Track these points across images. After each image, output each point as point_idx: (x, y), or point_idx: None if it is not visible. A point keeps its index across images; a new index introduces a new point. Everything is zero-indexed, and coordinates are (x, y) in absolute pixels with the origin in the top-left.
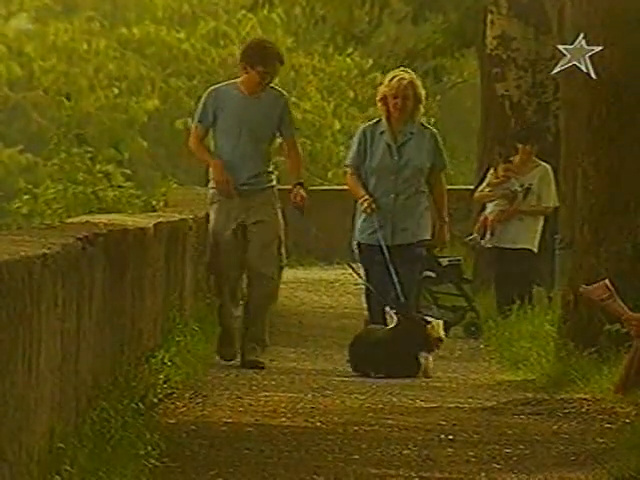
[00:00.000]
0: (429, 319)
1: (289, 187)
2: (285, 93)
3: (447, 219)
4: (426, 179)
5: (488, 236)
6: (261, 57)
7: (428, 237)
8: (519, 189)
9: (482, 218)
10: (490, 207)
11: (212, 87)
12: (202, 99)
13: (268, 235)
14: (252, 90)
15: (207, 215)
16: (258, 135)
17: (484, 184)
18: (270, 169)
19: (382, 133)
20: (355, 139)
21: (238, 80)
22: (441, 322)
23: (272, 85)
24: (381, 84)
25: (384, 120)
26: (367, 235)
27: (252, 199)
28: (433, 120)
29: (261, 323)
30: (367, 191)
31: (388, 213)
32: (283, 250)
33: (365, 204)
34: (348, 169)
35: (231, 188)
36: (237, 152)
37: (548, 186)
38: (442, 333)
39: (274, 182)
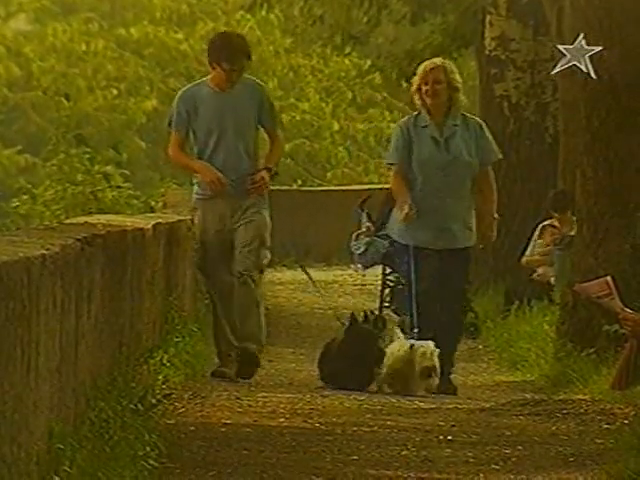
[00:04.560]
0: (420, 344)
1: (285, 187)
2: (262, 82)
3: (496, 216)
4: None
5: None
6: (226, 53)
7: (474, 243)
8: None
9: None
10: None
11: (181, 90)
12: (174, 104)
13: (251, 235)
14: (223, 85)
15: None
16: (240, 132)
17: (530, 249)
18: (256, 167)
19: (425, 127)
20: (395, 135)
21: (207, 78)
22: (436, 350)
23: (248, 76)
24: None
25: (424, 113)
26: (414, 236)
27: (239, 201)
28: None
29: (252, 322)
30: (411, 192)
31: (438, 213)
32: (265, 253)
33: (405, 212)
34: (393, 167)
35: (224, 185)
36: (219, 154)
37: None
38: (435, 361)
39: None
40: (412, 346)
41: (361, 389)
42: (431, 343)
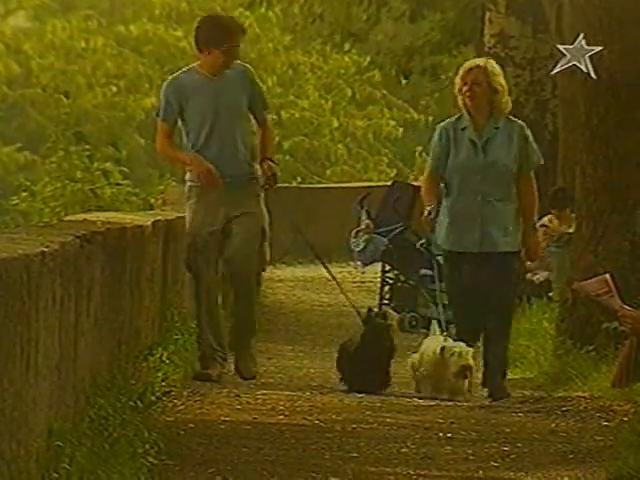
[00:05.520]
0: (457, 344)
1: (285, 185)
2: (249, 66)
3: (537, 226)
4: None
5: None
6: (227, 33)
7: (517, 249)
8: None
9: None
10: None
11: (170, 78)
12: (162, 93)
13: (251, 229)
14: (216, 70)
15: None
16: (235, 119)
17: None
18: (254, 155)
19: (464, 129)
20: (435, 138)
21: (196, 64)
22: (469, 349)
23: (235, 61)
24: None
25: (465, 114)
26: (453, 241)
27: (234, 192)
28: (431, 118)
29: (249, 327)
30: (449, 196)
31: (475, 217)
32: (267, 246)
33: (425, 215)
34: (427, 169)
35: (217, 177)
36: (213, 143)
37: None
38: (471, 360)
39: (258, 172)
40: (444, 348)
41: (378, 391)
42: (463, 344)
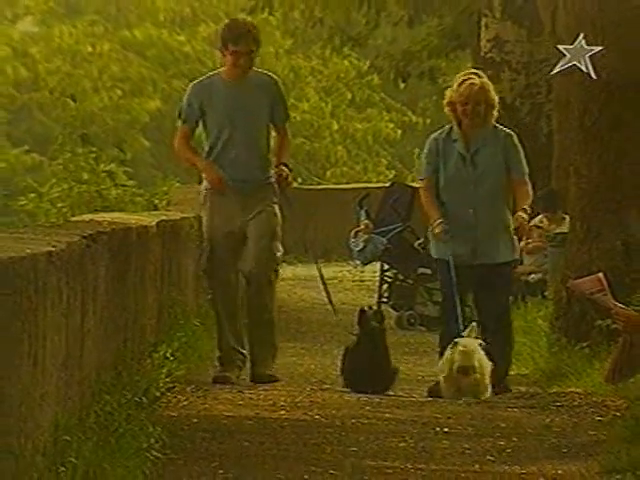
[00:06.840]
0: (465, 341)
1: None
2: (276, 77)
3: (529, 211)
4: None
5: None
6: (231, 35)
7: (514, 258)
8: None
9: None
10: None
11: (194, 81)
12: (185, 95)
13: (264, 229)
14: (233, 75)
15: (200, 217)
16: (252, 126)
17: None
18: (268, 163)
19: (455, 141)
20: (426, 150)
21: (221, 69)
22: (475, 347)
23: (263, 71)
24: (449, 87)
25: (455, 127)
26: (447, 253)
27: (249, 197)
28: (429, 121)
29: (269, 326)
30: (441, 210)
31: (468, 229)
32: (280, 248)
33: (437, 229)
34: (422, 183)
35: (225, 184)
36: (230, 148)
37: None
38: (472, 360)
39: (272, 178)
40: (455, 344)
41: (381, 392)
42: (473, 341)
